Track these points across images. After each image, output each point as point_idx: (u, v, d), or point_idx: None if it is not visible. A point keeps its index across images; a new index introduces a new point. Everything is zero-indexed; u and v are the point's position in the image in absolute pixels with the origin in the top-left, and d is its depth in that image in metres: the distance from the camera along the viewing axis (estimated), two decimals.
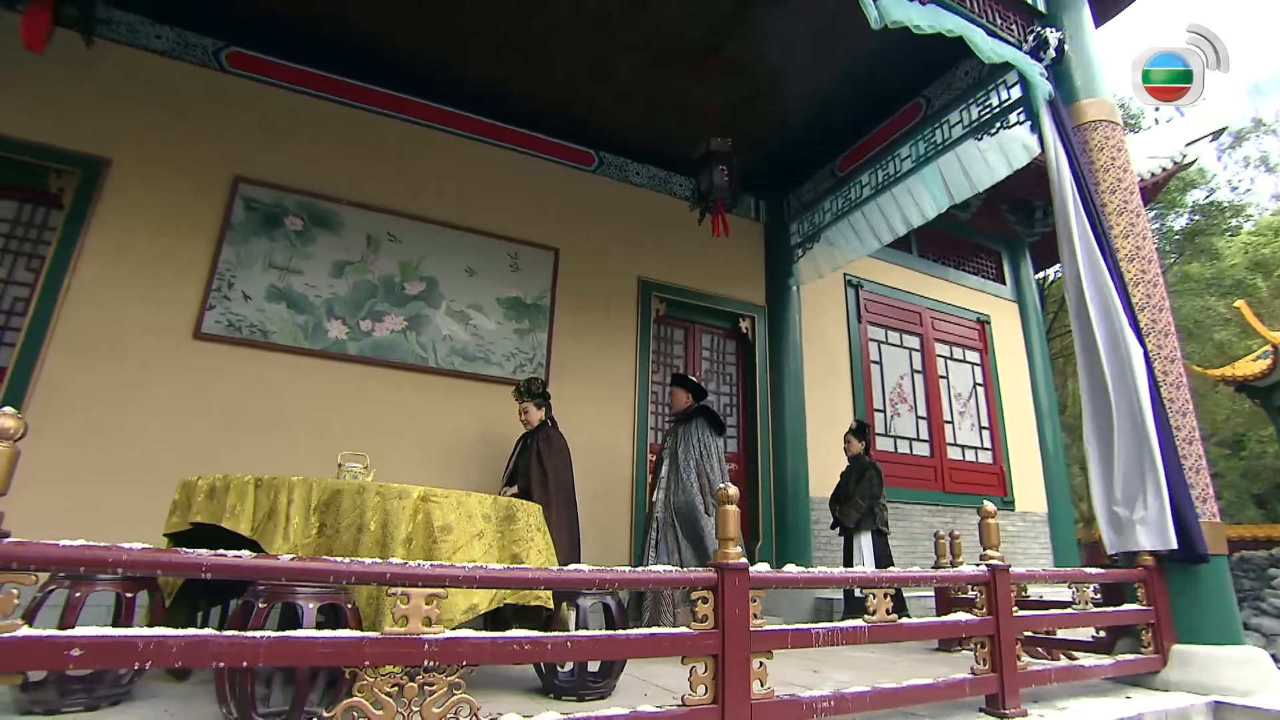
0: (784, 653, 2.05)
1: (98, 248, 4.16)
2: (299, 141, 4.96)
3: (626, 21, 4.58)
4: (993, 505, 2.63)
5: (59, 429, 3.82)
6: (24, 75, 4.03)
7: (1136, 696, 2.76)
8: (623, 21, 4.58)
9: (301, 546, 2.22)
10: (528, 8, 4.51)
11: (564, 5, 4.48)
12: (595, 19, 4.57)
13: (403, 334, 5.04)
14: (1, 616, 1.35)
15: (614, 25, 4.63)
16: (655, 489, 4.38)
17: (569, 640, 1.77)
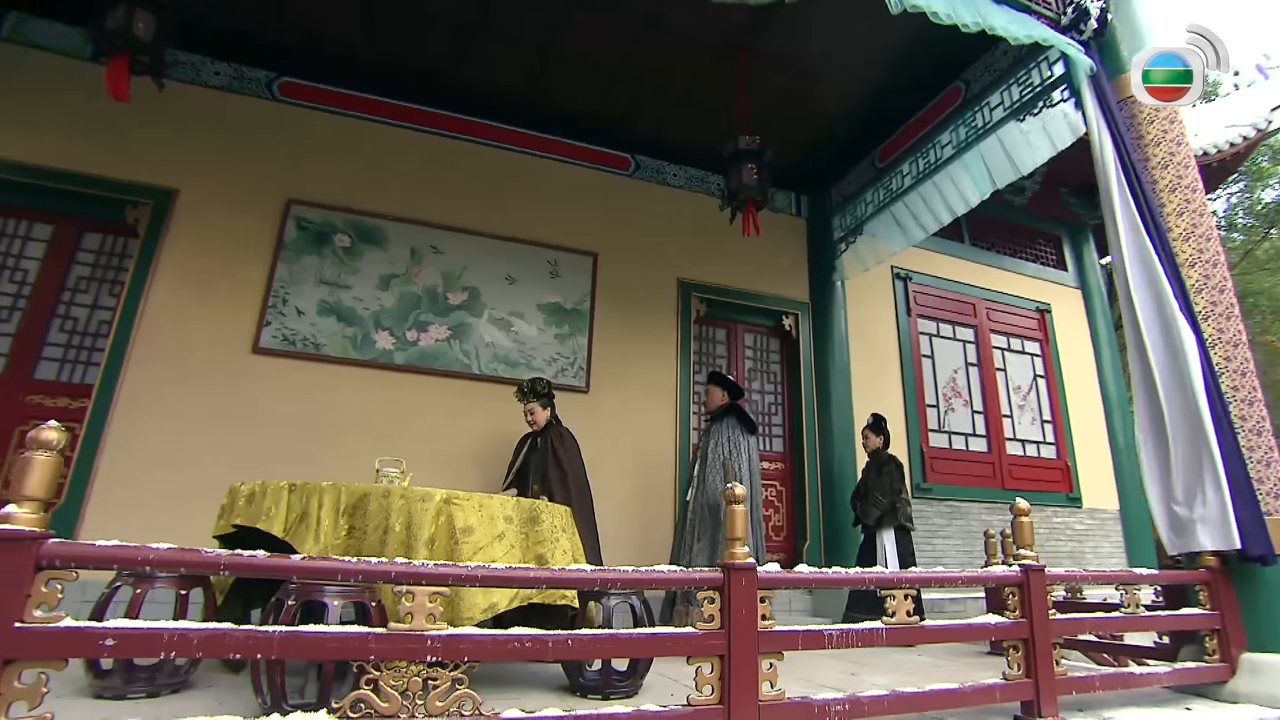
0: (823, 655, 2.04)
1: (168, 272, 4.51)
2: (346, 162, 5.22)
3: (655, 22, 4.60)
4: (1025, 503, 2.50)
5: (139, 438, 4.16)
6: (102, 118, 4.40)
7: (1198, 708, 2.57)
8: (652, 22, 4.60)
9: (332, 547, 2.35)
10: (557, 17, 4.60)
11: (595, 12, 4.53)
12: (625, 23, 4.61)
13: (447, 343, 5.22)
14: (47, 609, 1.50)
15: (644, 28, 4.67)
16: (689, 487, 4.40)
17: (570, 639, 1.81)
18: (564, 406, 5.29)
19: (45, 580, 1.51)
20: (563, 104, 5.57)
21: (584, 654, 1.80)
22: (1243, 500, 2.69)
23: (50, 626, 1.47)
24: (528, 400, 4.36)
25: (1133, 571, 2.66)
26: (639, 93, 5.40)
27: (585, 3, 4.43)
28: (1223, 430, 2.77)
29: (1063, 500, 6.61)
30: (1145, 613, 2.63)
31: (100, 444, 4.10)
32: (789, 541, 5.82)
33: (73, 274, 4.48)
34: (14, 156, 4.36)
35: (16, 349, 4.24)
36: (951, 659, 3.55)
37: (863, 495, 4.72)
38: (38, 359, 4.27)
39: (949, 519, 6.02)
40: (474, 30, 4.77)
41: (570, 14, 4.56)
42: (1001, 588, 3.23)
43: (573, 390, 5.42)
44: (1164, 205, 3.30)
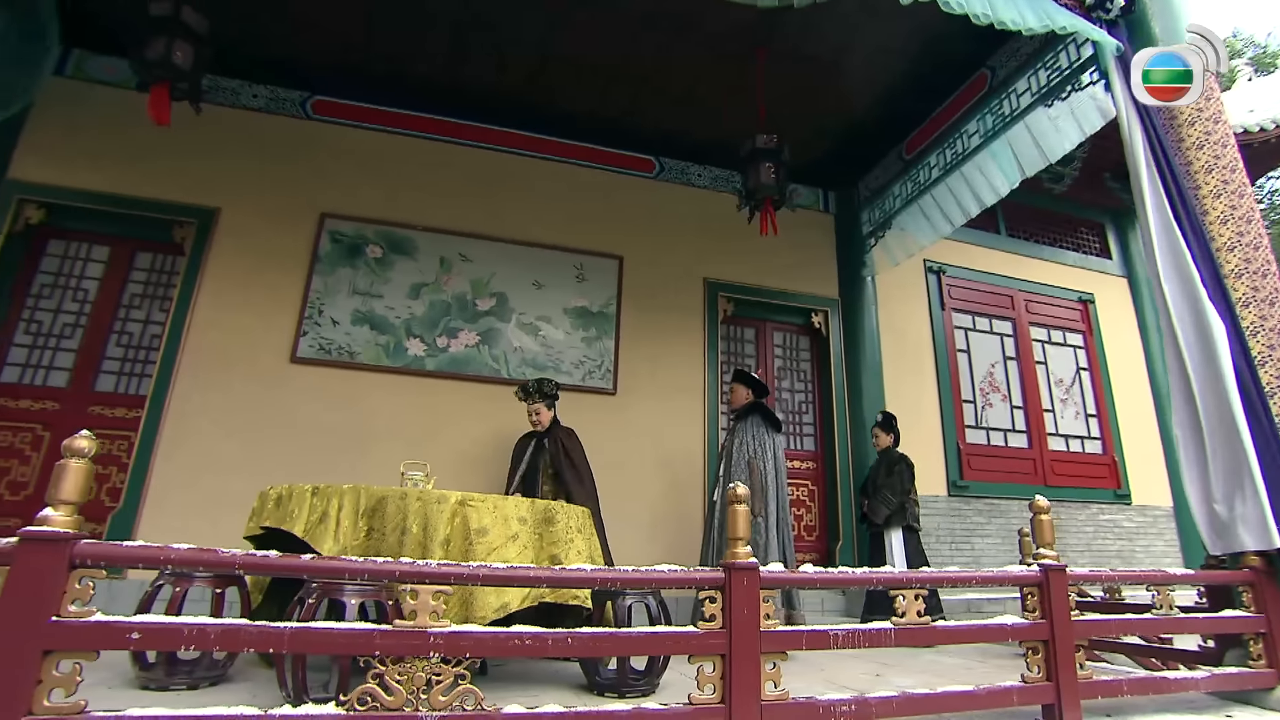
0: (850, 657, 2.00)
1: (212, 287, 4.75)
2: (377, 175, 5.40)
3: (673, 25, 4.62)
4: (1044, 500, 2.43)
5: (188, 445, 4.40)
6: (151, 144, 4.66)
7: (1240, 716, 2.45)
8: (669, 25, 4.62)
9: (351, 548, 2.45)
10: (575, 27, 4.67)
11: (618, 20, 4.58)
12: (642, 26, 4.65)
13: (476, 348, 5.34)
14: (80, 605, 1.62)
15: (662, 31, 4.70)
16: (715, 487, 4.39)
17: (569, 636, 1.85)
18: (591, 409, 5.39)
19: (78, 578, 1.63)
20: (587, 110, 5.63)
21: (583, 651, 1.84)
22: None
23: (83, 621, 1.59)
24: (533, 400, 4.36)
25: (1166, 572, 2.55)
26: (662, 96, 5.42)
27: (601, 7, 4.48)
28: (1258, 425, 2.63)
29: (1110, 497, 6.34)
30: (1180, 614, 2.52)
31: (153, 451, 4.35)
32: (821, 541, 5.75)
33: (127, 292, 4.76)
34: (76, 184, 4.67)
35: (79, 364, 4.53)
36: (983, 660, 3.46)
37: (872, 494, 4.66)
38: (98, 372, 4.56)
39: (988, 517, 5.85)
40: (508, 45, 4.90)
41: (590, 22, 4.61)
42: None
43: (600, 392, 5.48)
44: (1199, 187, 3.15)
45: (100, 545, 1.65)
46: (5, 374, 4.41)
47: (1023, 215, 6.99)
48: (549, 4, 4.50)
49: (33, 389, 4.41)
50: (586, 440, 5.08)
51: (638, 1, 4.43)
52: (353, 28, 4.76)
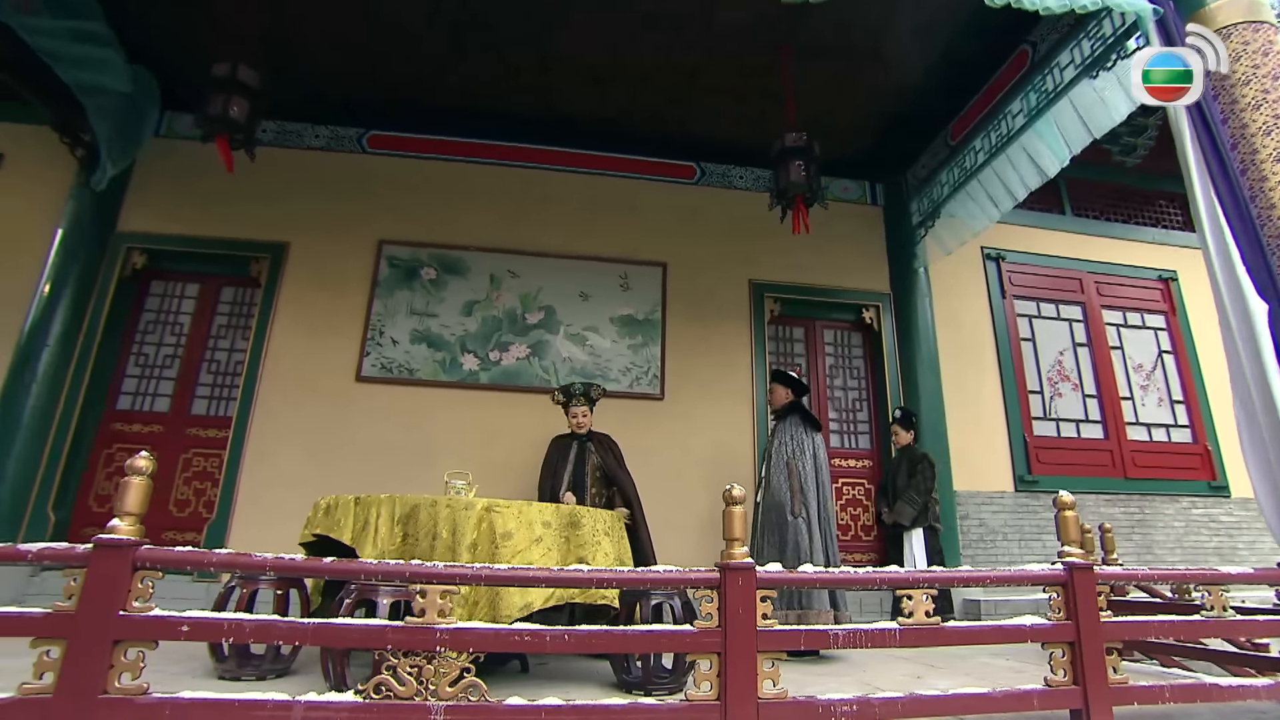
0: (892, 658, 1.95)
1: (285, 315, 5.21)
2: (428, 200, 5.74)
3: (703, 31, 4.70)
4: (1069, 496, 2.32)
5: (268, 461, 4.85)
6: (228, 189, 5.17)
7: None
8: (701, 32, 4.70)
9: (388, 552, 2.67)
10: (611, 46, 4.84)
11: (651, 31, 4.71)
12: (673, 35, 4.75)
13: (527, 360, 5.57)
14: (141, 601, 1.88)
15: (693, 38, 4.79)
16: (758, 489, 4.40)
17: (566, 633, 1.96)
18: (640, 414, 5.51)
19: (140, 578, 1.89)
20: (627, 122, 5.77)
21: (578, 647, 1.94)
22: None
23: (143, 615, 1.84)
24: (579, 403, 4.40)
25: (1219, 570, 2.36)
26: (699, 102, 5.49)
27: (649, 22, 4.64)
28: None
29: (1204, 489, 5.81)
30: (1234, 616, 2.34)
31: (239, 467, 4.82)
32: (879, 541, 5.60)
33: (215, 323, 5.31)
34: (171, 230, 5.26)
35: (178, 391, 5.09)
36: (1040, 663, 3.30)
37: (894, 495, 4.55)
38: (192, 397, 5.10)
39: None
40: (546, 66, 5.15)
41: (638, 34, 4.76)
42: (1124, 586, 3.01)
43: (648, 398, 5.59)
44: (1257, 151, 2.91)
45: (156, 550, 1.90)
46: (120, 402, 5.01)
47: (1090, 193, 6.56)
48: (586, 29, 4.69)
49: (141, 414, 4.99)
50: (636, 445, 5.24)
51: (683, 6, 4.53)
52: (401, 65, 5.12)
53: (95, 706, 1.76)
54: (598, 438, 4.46)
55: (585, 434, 4.43)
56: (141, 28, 4.68)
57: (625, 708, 1.92)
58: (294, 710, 1.79)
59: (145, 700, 1.79)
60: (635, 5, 4.53)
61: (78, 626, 1.81)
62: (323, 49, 4.96)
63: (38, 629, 1.82)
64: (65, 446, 4.67)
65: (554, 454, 4.38)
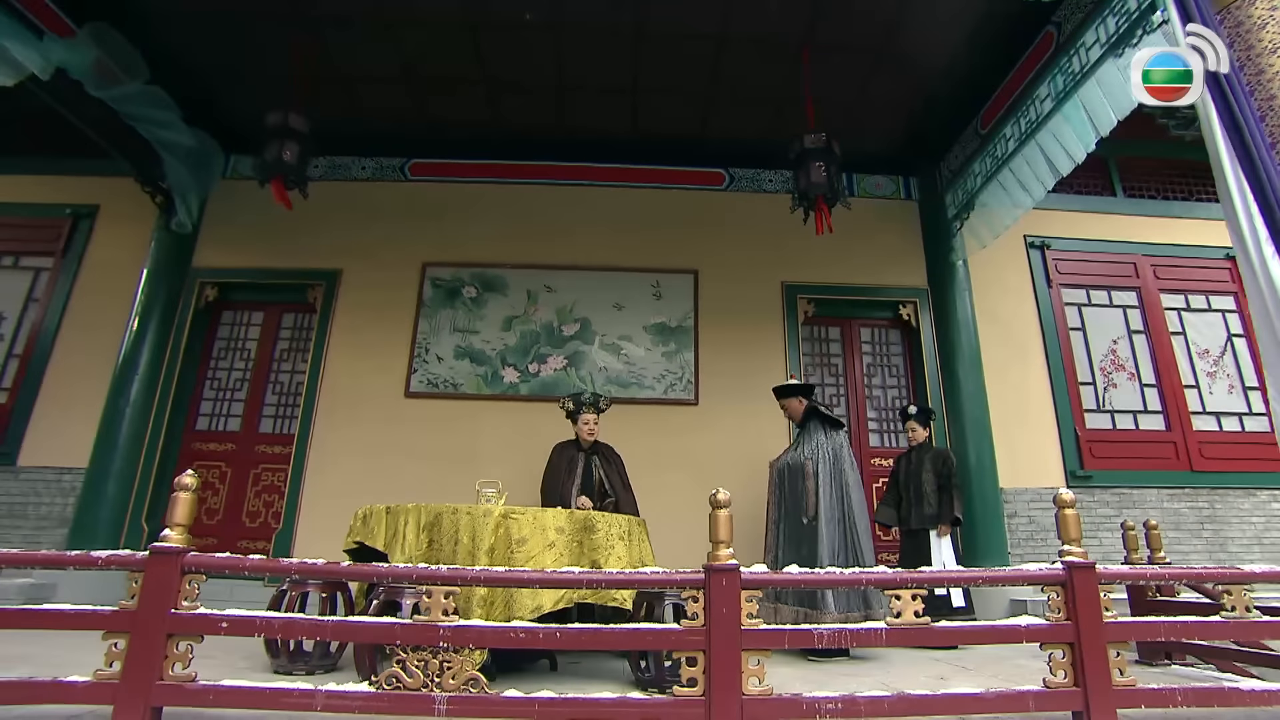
0: (924, 659, 1.96)
1: (339, 337, 5.61)
2: (468, 222, 6.04)
3: (723, 42, 4.81)
4: (1070, 494, 2.28)
5: (327, 473, 5.24)
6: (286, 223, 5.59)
7: None
8: (722, 42, 4.81)
9: (415, 557, 2.88)
10: (636, 65, 5.05)
11: (671, 43, 4.88)
12: (696, 49, 4.90)
13: (564, 371, 5.77)
14: (189, 601, 2.14)
15: (714, 49, 4.91)
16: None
17: (559, 631, 2.10)
18: (674, 419, 5.63)
19: (188, 580, 2.16)
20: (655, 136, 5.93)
21: (568, 644, 2.08)
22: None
23: (190, 613, 2.11)
24: (588, 411, 4.46)
25: (1240, 570, 2.24)
26: (726, 110, 5.59)
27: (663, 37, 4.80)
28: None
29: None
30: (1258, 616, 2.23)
31: (302, 479, 5.23)
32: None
33: (278, 348, 5.77)
34: (238, 264, 5.77)
35: (247, 411, 5.57)
36: None
37: (913, 494, 4.47)
38: (260, 417, 5.57)
39: (1117, 509, 5.24)
40: (572, 92, 5.43)
41: (652, 51, 4.95)
42: (1144, 586, 2.92)
43: (683, 404, 5.69)
44: None
45: (200, 556, 2.17)
46: (198, 423, 5.53)
47: (1143, 171, 6.21)
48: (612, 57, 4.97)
49: (217, 434, 5.50)
50: (671, 450, 5.38)
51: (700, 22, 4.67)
52: (439, 97, 5.45)
53: (154, 691, 2.03)
54: (603, 449, 4.56)
55: (591, 444, 4.51)
56: (203, 79, 5.18)
57: (613, 701, 2.05)
58: (316, 698, 2.01)
59: (194, 686, 2.05)
60: (653, 27, 4.69)
61: (138, 622, 2.09)
62: (368, 91, 5.35)
63: (107, 624, 2.12)
64: (154, 465, 5.20)
65: (560, 461, 4.39)
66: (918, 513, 4.49)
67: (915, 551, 4.37)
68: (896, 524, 4.62)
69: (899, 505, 4.64)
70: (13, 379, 5.37)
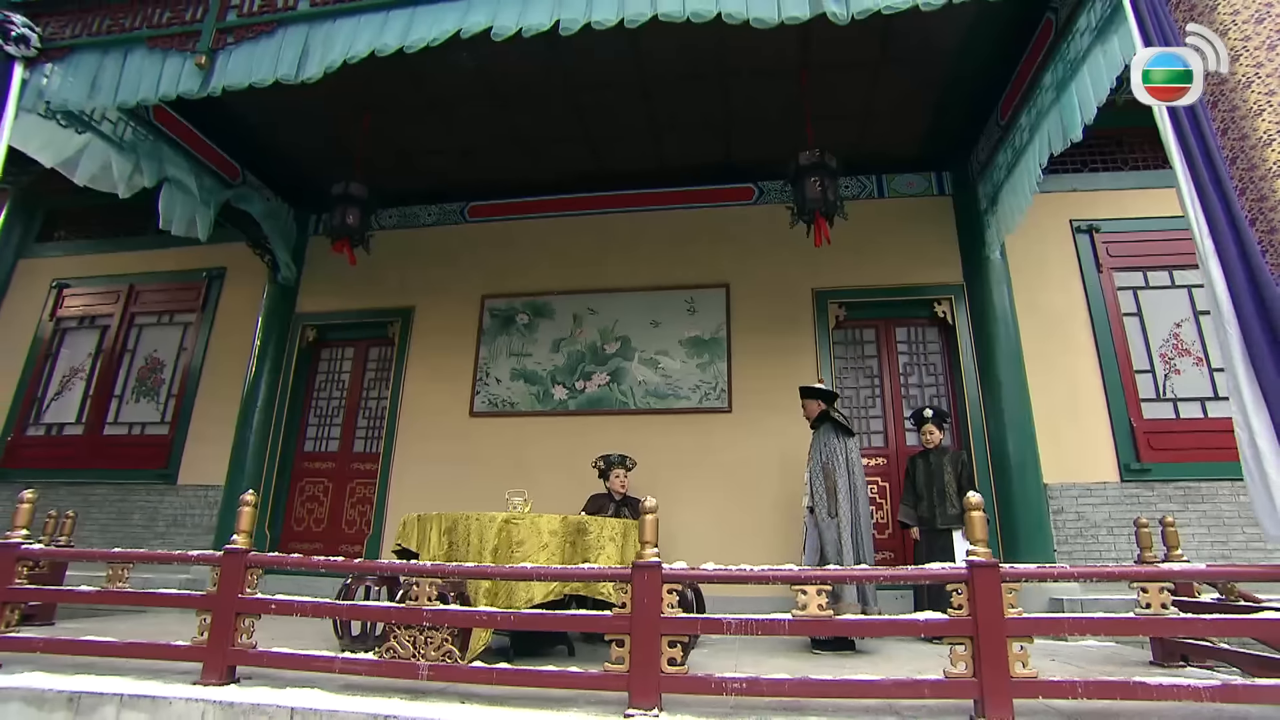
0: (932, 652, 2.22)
1: (414, 367, 6.47)
2: (520, 255, 6.71)
3: (739, 71, 5.16)
4: (977, 497, 2.43)
5: (407, 485, 6.08)
6: (367, 270, 6.53)
7: None
8: (739, 71, 5.16)
9: (438, 556, 3.46)
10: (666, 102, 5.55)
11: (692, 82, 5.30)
12: (712, 75, 5.25)
13: (607, 387, 6.28)
14: (252, 588, 2.84)
15: (717, 83, 5.27)
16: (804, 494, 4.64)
17: (513, 615, 2.58)
18: (709, 426, 5.98)
19: (251, 573, 2.86)
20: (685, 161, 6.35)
21: (522, 626, 2.56)
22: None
23: (251, 597, 2.80)
24: (621, 469, 5.20)
25: (1160, 568, 2.25)
26: (750, 131, 5.89)
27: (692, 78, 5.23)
28: (1272, 388, 2.29)
29: None
30: (1175, 614, 2.28)
31: (387, 491, 6.10)
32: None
33: (365, 378, 6.73)
34: (331, 308, 6.79)
35: (343, 434, 6.55)
36: (1102, 664, 3.21)
37: (936, 495, 4.50)
38: (353, 438, 6.53)
39: (1182, 504, 4.92)
40: (608, 143, 6.06)
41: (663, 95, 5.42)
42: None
43: (717, 412, 6.02)
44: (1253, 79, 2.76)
45: (258, 555, 2.87)
46: (306, 446, 6.58)
47: None
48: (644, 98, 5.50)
49: (320, 455, 6.52)
50: (706, 456, 5.75)
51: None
52: (493, 156, 6.22)
53: (228, 654, 2.74)
54: (632, 501, 5.11)
55: (621, 497, 5.13)
56: (292, 160, 6.22)
57: (555, 674, 2.50)
58: (335, 662, 2.63)
59: (254, 651, 2.74)
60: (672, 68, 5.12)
61: (217, 603, 2.81)
62: (426, 158, 6.20)
63: (197, 604, 2.86)
64: (273, 481, 6.29)
65: (593, 508, 5.04)
66: (942, 513, 4.57)
67: (939, 549, 4.46)
68: (917, 524, 4.70)
69: (917, 505, 4.72)
70: (172, 414, 6.68)
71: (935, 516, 4.58)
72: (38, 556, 3.32)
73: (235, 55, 3.89)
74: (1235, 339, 2.54)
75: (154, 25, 4.10)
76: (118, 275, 7.19)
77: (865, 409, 6.01)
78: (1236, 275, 2.60)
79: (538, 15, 3.46)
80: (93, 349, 7.01)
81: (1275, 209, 2.65)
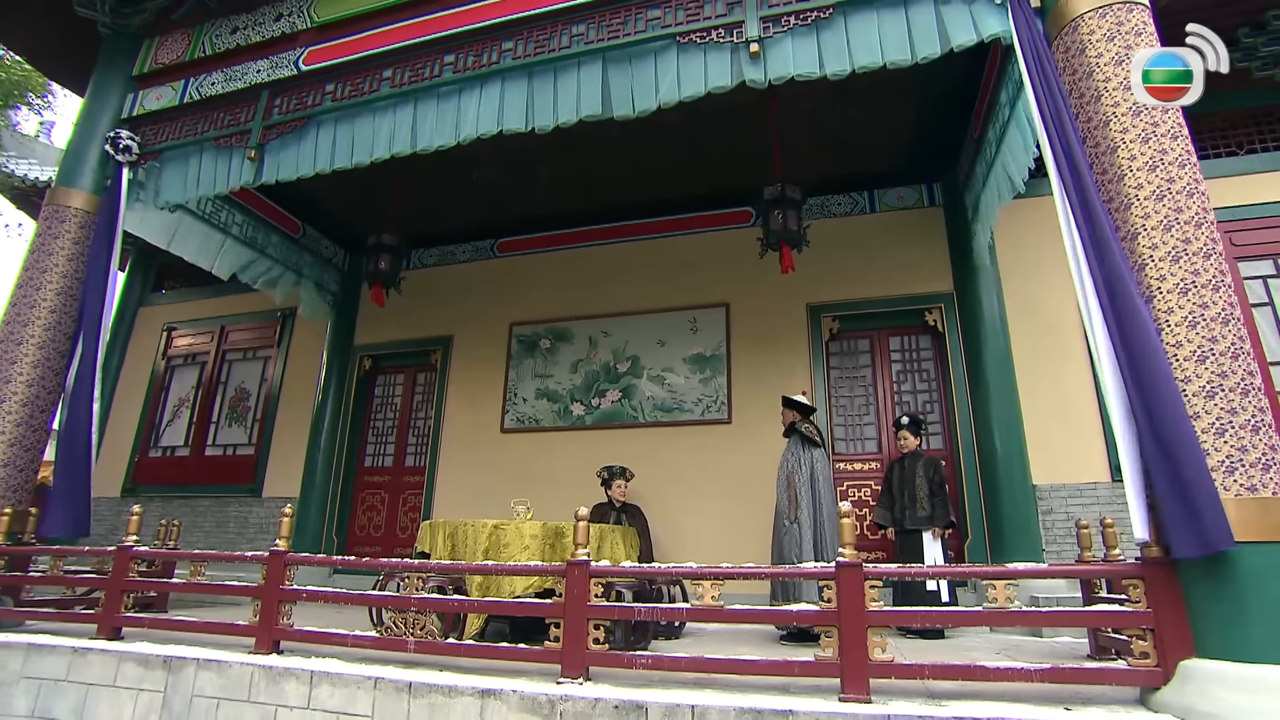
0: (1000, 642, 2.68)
1: (453, 390, 7.32)
2: (542, 285, 7.45)
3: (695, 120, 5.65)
4: (848, 505, 2.86)
5: (447, 496, 6.91)
6: (406, 305, 7.45)
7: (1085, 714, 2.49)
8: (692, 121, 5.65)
9: (444, 557, 4.19)
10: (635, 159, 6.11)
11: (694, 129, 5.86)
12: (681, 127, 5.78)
13: (619, 403, 6.89)
14: (290, 582, 3.64)
15: (687, 131, 5.78)
16: None
17: (474, 602, 3.24)
18: (710, 437, 6.47)
19: (290, 569, 3.66)
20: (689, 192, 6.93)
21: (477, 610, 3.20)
22: (1162, 479, 2.50)
23: (290, 588, 3.60)
24: (621, 479, 5.80)
25: (1008, 567, 2.56)
26: (748, 160, 6.30)
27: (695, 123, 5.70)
28: (1145, 394, 2.61)
29: None
30: (1018, 607, 2.63)
31: (433, 500, 6.96)
32: (954, 538, 5.66)
33: (414, 401, 7.65)
34: (383, 339, 7.76)
35: (396, 451, 7.49)
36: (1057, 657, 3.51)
37: (907, 499, 4.86)
38: (405, 454, 7.46)
39: None
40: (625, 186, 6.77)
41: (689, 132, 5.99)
42: (1093, 582, 3.30)
43: (718, 423, 6.50)
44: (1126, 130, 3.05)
45: (295, 555, 3.66)
46: (366, 461, 7.57)
47: (1221, 125, 5.72)
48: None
49: (378, 469, 7.49)
50: (708, 464, 6.24)
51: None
52: (520, 200, 7.01)
53: (273, 631, 3.53)
54: (630, 507, 5.76)
55: (621, 505, 5.74)
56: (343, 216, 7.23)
57: (508, 649, 3.13)
58: (348, 639, 3.37)
59: (293, 630, 3.53)
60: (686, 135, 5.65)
61: (265, 593, 3.63)
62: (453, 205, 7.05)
63: (251, 593, 3.68)
64: (338, 493, 7.30)
65: (598, 517, 5.60)
66: (912, 515, 4.87)
67: (910, 548, 4.78)
68: (891, 525, 5.02)
69: (893, 508, 5.03)
70: (257, 437, 7.84)
71: (905, 518, 4.88)
72: (146, 556, 4.28)
73: (281, 151, 4.76)
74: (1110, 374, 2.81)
75: (219, 127, 5.07)
76: (212, 318, 8.49)
77: (859, 417, 6.32)
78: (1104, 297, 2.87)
79: (514, 121, 4.22)
80: (195, 382, 8.30)
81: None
